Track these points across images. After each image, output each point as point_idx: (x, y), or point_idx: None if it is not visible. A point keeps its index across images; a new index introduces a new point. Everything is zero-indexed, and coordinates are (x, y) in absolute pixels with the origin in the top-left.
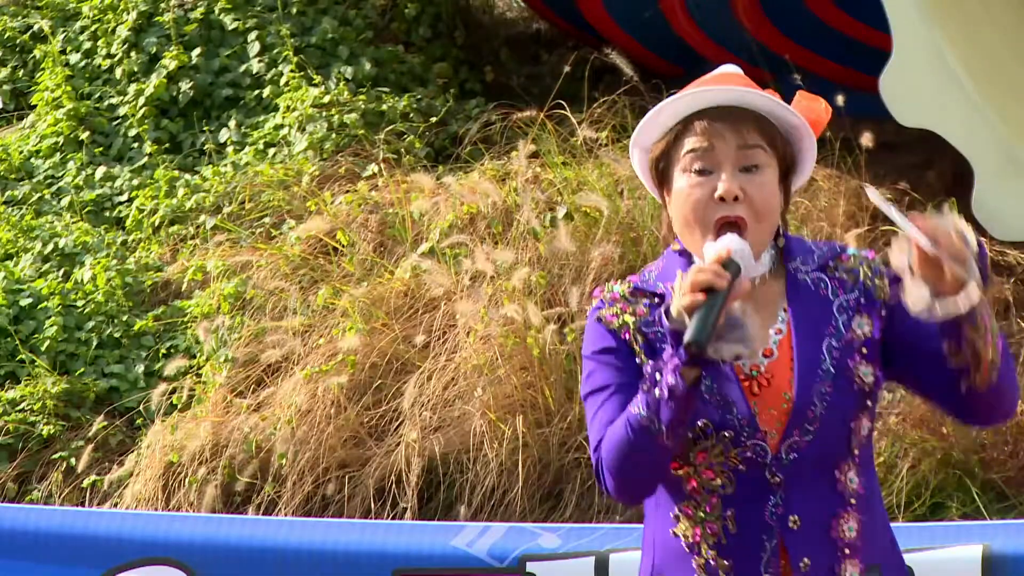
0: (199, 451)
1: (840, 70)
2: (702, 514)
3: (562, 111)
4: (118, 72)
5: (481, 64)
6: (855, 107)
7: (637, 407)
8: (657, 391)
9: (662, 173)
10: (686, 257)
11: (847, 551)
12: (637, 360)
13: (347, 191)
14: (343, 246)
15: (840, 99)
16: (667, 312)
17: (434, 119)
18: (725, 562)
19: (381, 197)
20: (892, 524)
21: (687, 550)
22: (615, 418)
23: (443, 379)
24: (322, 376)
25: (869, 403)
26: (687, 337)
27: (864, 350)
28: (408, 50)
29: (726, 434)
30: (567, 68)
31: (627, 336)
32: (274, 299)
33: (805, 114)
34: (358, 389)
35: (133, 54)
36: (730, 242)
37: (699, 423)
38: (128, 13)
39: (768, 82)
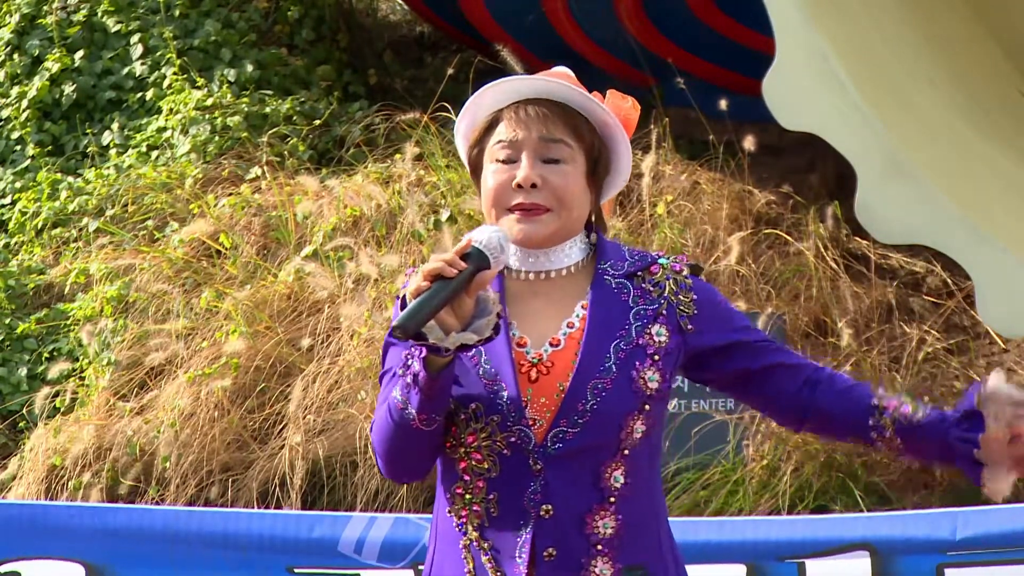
0: (82, 454)
1: (723, 73)
2: (469, 495)
3: (446, 113)
4: (0, 74)
5: (365, 67)
6: (738, 111)
7: (396, 391)
8: (409, 377)
9: (475, 162)
10: None
11: (600, 547)
12: None
13: (230, 194)
14: (226, 249)
15: (723, 103)
16: (404, 298)
17: (317, 122)
18: (486, 544)
19: (264, 200)
20: (777, 519)
21: (457, 530)
22: None
23: (327, 382)
24: (205, 379)
25: (648, 407)
26: (395, 320)
27: (655, 357)
28: (291, 53)
29: (494, 418)
30: (451, 71)
31: None
32: (157, 302)
33: (614, 112)
34: (241, 392)
35: (16, 56)
36: (477, 232)
37: (472, 406)
38: (11, 15)
39: (651, 86)
